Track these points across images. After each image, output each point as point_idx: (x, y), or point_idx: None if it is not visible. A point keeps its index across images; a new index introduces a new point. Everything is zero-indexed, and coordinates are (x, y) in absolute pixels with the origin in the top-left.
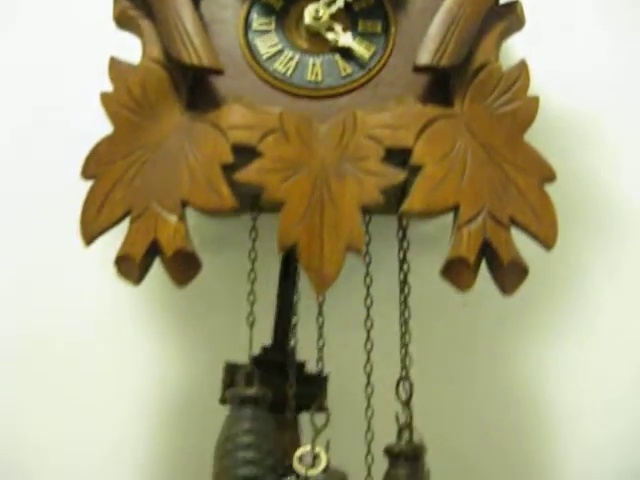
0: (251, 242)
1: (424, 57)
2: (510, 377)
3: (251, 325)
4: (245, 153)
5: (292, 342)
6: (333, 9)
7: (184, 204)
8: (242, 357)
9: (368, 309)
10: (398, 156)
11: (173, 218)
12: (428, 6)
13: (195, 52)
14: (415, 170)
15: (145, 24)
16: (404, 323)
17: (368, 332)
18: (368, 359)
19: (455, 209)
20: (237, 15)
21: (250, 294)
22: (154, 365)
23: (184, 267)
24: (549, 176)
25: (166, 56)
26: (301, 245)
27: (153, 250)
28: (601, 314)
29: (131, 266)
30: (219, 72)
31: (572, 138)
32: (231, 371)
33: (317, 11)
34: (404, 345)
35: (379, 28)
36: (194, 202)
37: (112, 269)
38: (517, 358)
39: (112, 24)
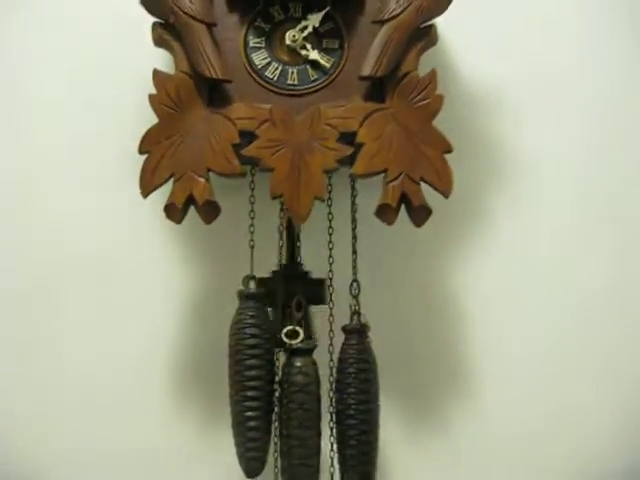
0: (250, 191)
1: (366, 70)
2: (436, 282)
3: (252, 248)
4: (247, 136)
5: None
6: (305, 33)
7: (209, 170)
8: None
9: (330, 235)
10: (348, 137)
11: (202, 180)
12: (370, 30)
13: (212, 67)
14: (359, 146)
15: (176, 45)
16: (354, 244)
17: (330, 250)
18: (330, 268)
19: (384, 172)
20: (239, 35)
21: (251, 226)
22: (180, 277)
23: (210, 211)
24: (448, 148)
25: (192, 69)
26: (285, 195)
27: (189, 201)
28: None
29: (175, 211)
30: (228, 81)
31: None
32: (247, 279)
33: (294, 36)
34: (354, 257)
35: (337, 45)
36: (215, 169)
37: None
38: (443, 269)
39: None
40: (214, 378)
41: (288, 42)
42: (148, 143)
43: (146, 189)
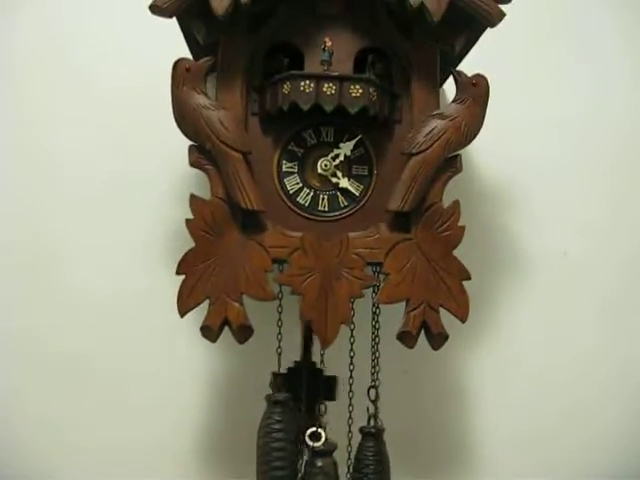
0: (278, 314)
1: (393, 204)
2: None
3: (279, 354)
4: (280, 262)
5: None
6: (337, 162)
7: (242, 294)
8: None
9: (352, 344)
10: (374, 265)
11: (236, 304)
12: (398, 157)
13: (248, 198)
14: (384, 275)
15: (211, 170)
16: (374, 357)
17: (351, 358)
18: (351, 375)
19: (407, 300)
20: (272, 159)
21: (278, 334)
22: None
23: (244, 333)
24: (466, 276)
25: (227, 196)
26: (314, 320)
27: (224, 323)
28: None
29: (210, 333)
30: (263, 212)
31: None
32: (275, 377)
33: (326, 165)
34: (374, 366)
35: (366, 171)
36: (250, 294)
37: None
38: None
39: None
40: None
41: (320, 171)
42: (185, 266)
43: (183, 310)
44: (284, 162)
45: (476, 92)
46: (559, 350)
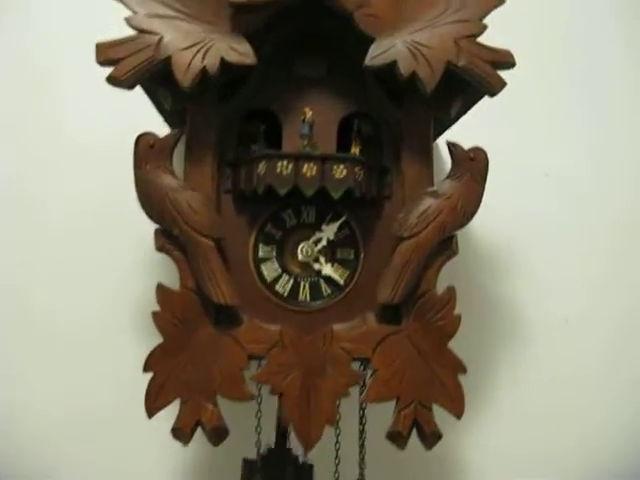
0: (257, 404)
1: (382, 296)
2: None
3: (258, 449)
4: (257, 359)
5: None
6: (319, 246)
7: (216, 394)
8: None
9: (337, 436)
10: (361, 360)
11: (210, 405)
12: (388, 238)
13: (221, 293)
14: (372, 371)
15: (180, 257)
16: (361, 462)
17: (337, 451)
18: (336, 469)
19: (397, 399)
20: (247, 242)
21: (257, 427)
22: None
23: (218, 435)
24: (461, 369)
25: (198, 286)
26: (295, 422)
27: (197, 424)
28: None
29: (182, 434)
30: (238, 307)
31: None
32: (246, 465)
33: (307, 251)
34: (362, 459)
35: (352, 255)
36: (223, 394)
37: None
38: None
39: None
40: None
41: (301, 258)
42: (153, 363)
43: (151, 411)
44: (261, 246)
45: (474, 167)
46: (563, 423)
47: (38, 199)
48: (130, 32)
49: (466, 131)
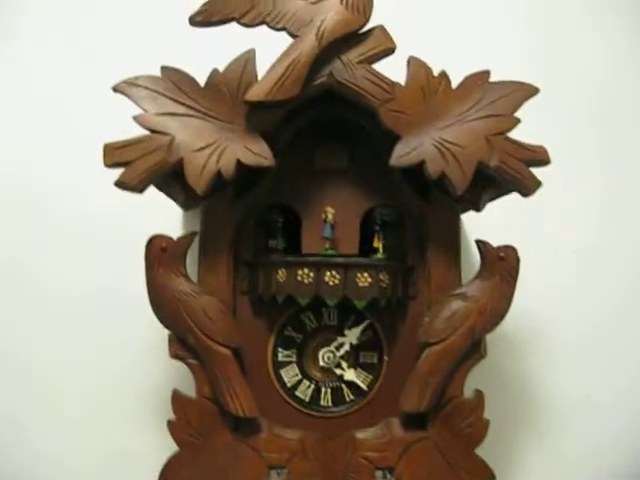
0: None
1: (408, 405)
2: None
3: None
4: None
5: None
6: (342, 352)
7: None
8: None
9: None
10: (385, 469)
11: None
12: (412, 340)
13: (239, 404)
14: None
15: (196, 365)
16: None
17: None
18: None
19: None
20: (266, 345)
21: None
22: None
23: None
24: (489, 476)
25: (215, 395)
26: None
27: None
28: None
29: None
30: (257, 418)
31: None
32: None
33: (329, 357)
34: None
35: (375, 358)
36: None
37: None
38: None
39: None
40: None
41: (322, 363)
42: (169, 474)
43: None
44: (280, 350)
45: (504, 267)
46: None
47: (38, 279)
48: (139, 130)
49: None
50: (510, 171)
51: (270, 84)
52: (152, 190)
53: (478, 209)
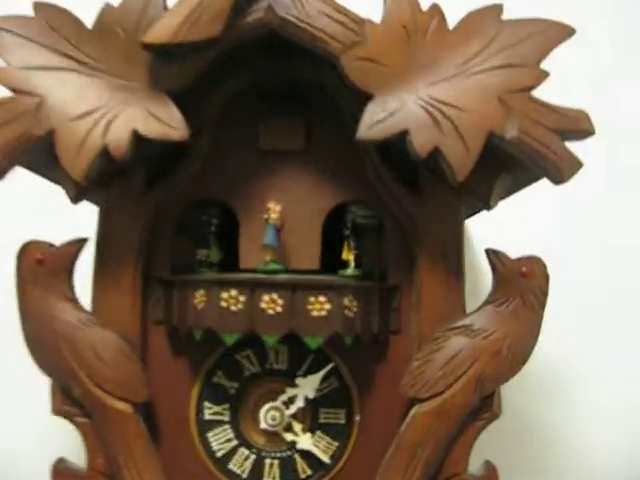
0: None
1: None
2: None
3: None
4: None
5: None
6: (292, 410)
7: None
8: None
9: None
10: None
11: None
12: (393, 392)
13: None
14: None
15: (85, 425)
16: None
17: None
18: None
19: None
20: (187, 400)
21: None
22: None
23: None
24: None
25: (112, 469)
26: None
27: None
28: None
29: None
30: None
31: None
32: None
33: (274, 418)
34: None
35: (343, 417)
36: None
37: None
38: None
39: None
40: None
41: (265, 425)
42: None
43: None
44: (206, 404)
45: (527, 287)
46: None
47: None
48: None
49: None
50: (535, 145)
51: (178, 20)
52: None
53: (489, 205)
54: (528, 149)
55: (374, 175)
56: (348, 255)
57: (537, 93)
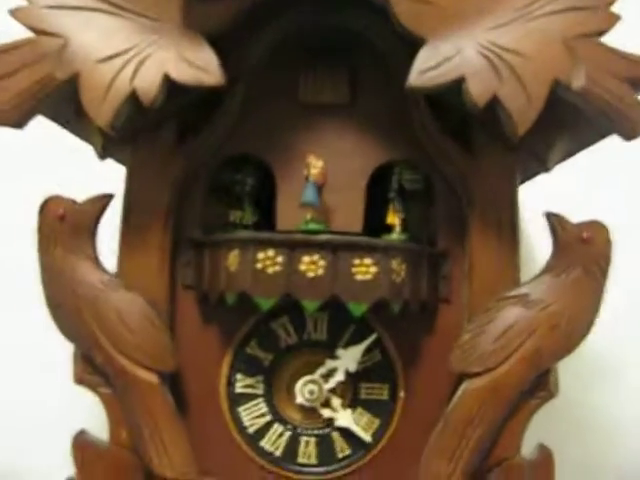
0: None
1: (433, 470)
2: None
3: None
4: None
5: None
6: (331, 384)
7: None
8: None
9: None
10: None
11: None
12: (442, 374)
13: (168, 461)
14: None
15: (108, 396)
16: None
17: None
18: None
19: None
20: (218, 370)
21: None
22: None
23: None
24: None
25: (135, 443)
26: None
27: None
28: None
29: None
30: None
31: None
32: None
33: (312, 391)
34: None
35: (385, 394)
36: None
37: None
38: None
39: None
40: None
41: (301, 400)
42: None
43: None
44: (238, 376)
45: (589, 254)
46: None
47: None
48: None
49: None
50: (605, 96)
51: None
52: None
53: (547, 167)
54: (597, 100)
55: (423, 131)
56: (393, 219)
57: (607, 39)
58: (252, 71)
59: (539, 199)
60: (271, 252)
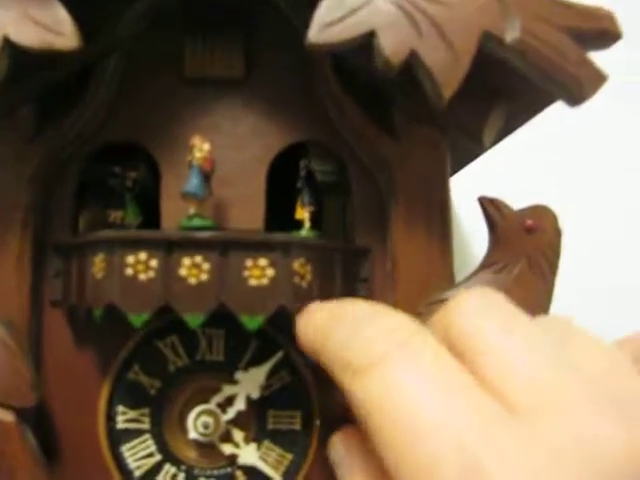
0: None
1: None
2: None
3: None
4: None
5: None
6: (231, 414)
7: None
8: None
9: None
10: None
11: None
12: None
13: None
14: None
15: None
16: None
17: None
18: None
19: None
20: (95, 402)
21: None
22: None
23: None
24: None
25: None
26: None
27: None
28: None
29: None
30: None
31: None
32: None
33: (206, 425)
34: None
35: (298, 422)
36: None
37: None
38: None
39: None
40: None
41: (195, 435)
42: None
43: None
44: (119, 409)
45: (535, 246)
46: None
47: None
48: None
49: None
50: (544, 51)
51: None
52: None
53: (482, 144)
54: (535, 56)
55: (334, 107)
56: (302, 213)
57: None
58: (127, 42)
59: (475, 183)
60: (143, 255)
